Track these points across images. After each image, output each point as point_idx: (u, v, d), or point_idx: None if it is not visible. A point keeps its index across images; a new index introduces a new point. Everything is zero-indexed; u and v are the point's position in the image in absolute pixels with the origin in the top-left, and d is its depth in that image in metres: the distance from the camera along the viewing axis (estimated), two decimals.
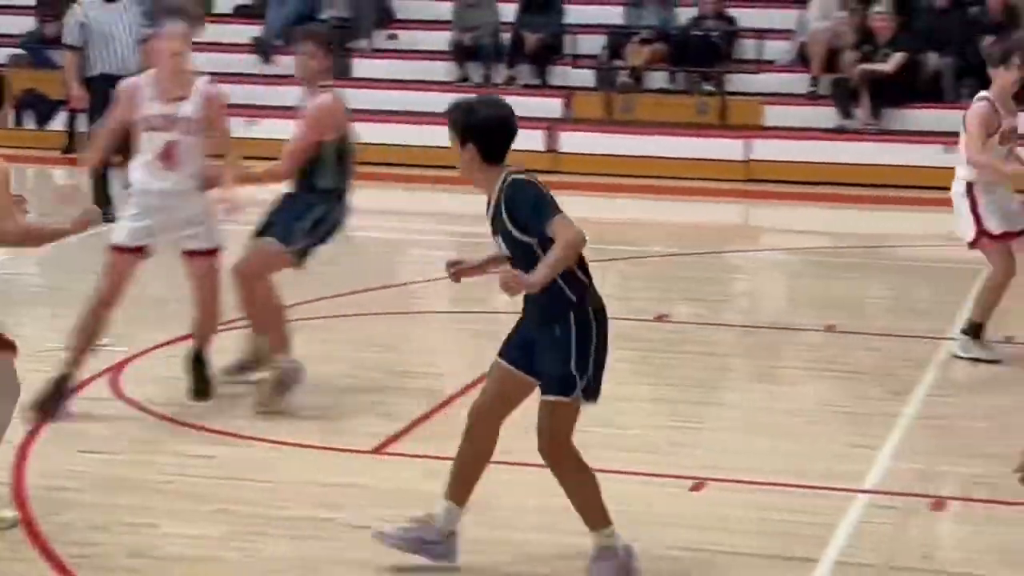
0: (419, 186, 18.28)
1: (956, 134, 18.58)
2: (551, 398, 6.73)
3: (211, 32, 21.00)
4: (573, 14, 20.86)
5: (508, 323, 9.68)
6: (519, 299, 6.86)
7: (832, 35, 19.48)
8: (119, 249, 9.17)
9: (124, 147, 9.82)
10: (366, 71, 20.99)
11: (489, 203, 6.87)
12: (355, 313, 11.87)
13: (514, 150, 6.60)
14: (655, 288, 13.17)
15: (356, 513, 7.63)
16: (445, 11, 21.10)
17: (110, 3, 15.74)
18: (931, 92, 19.21)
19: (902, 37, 19.03)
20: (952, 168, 11.22)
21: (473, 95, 7.45)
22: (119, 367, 10.14)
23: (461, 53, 20.61)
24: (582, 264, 6.78)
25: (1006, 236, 10.47)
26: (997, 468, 8.13)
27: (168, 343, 10.69)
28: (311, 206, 9.58)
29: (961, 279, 12.88)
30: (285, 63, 20.95)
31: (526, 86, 20.46)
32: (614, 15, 21.05)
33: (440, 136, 17.66)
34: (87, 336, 9.21)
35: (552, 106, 20.05)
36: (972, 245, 10.63)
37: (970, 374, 10.33)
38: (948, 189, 11.00)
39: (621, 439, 8.95)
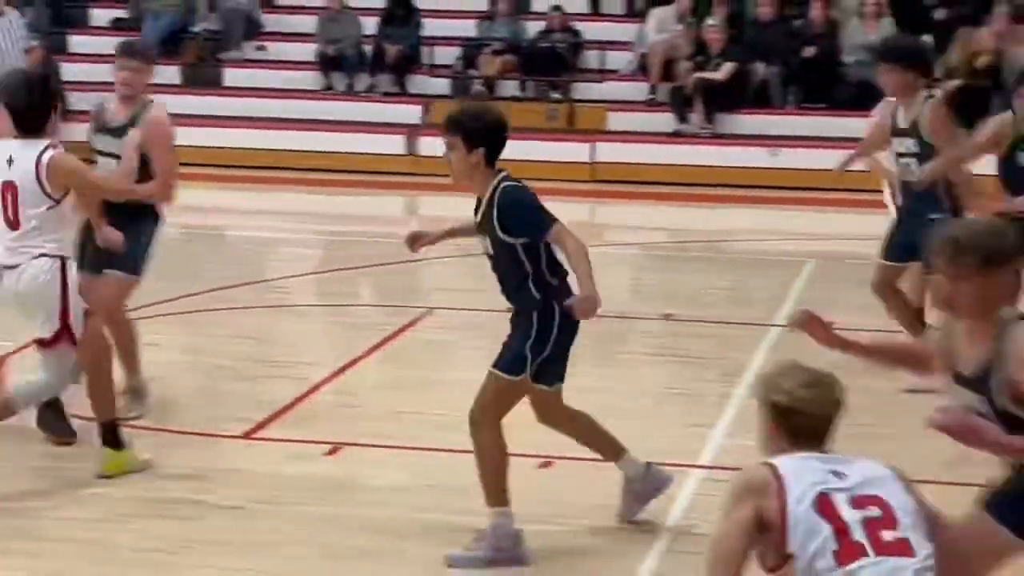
0: (286, 188, 18.17)
1: (783, 138, 18.90)
2: (497, 372, 6.93)
3: (88, 44, 20.81)
4: (430, 27, 20.84)
5: (368, 315, 9.83)
6: (370, 294, 6.90)
7: (669, 47, 19.62)
8: None
9: None
10: (237, 80, 20.85)
11: (480, 204, 6.97)
12: (226, 307, 11.78)
13: (375, 154, 6.64)
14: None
15: (224, 494, 7.60)
16: (310, 24, 21.00)
17: None
18: (759, 99, 19.46)
19: (732, 49, 19.22)
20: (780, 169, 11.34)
21: (467, 102, 7.57)
22: (3, 358, 9.96)
23: (325, 63, 20.52)
24: (552, 265, 6.93)
25: None
26: None
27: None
28: (144, 227, 8.75)
29: (789, 270, 13.10)
30: (159, 72, 20.78)
31: (386, 94, 20.43)
32: (468, 28, 21.08)
33: (306, 140, 17.79)
34: None
35: (412, 112, 20.02)
36: None
37: (796, 358, 10.42)
38: (775, 188, 11.10)
39: None
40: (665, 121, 19.36)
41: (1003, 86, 16.07)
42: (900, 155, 9.52)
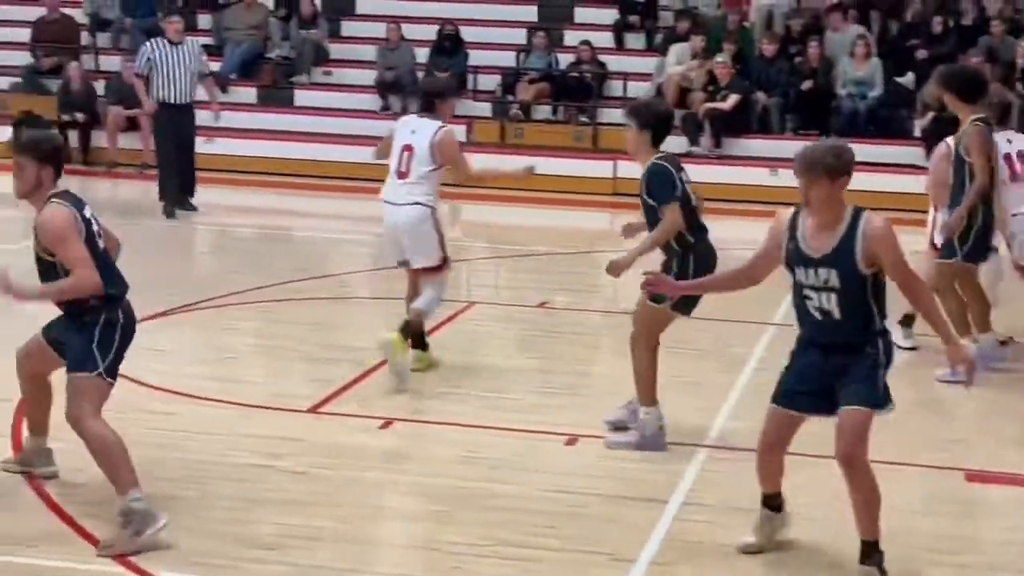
0: (346, 195, 18.19)
1: (782, 160, 18.85)
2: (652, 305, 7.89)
3: None
4: (474, 57, 20.84)
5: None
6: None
7: (683, 78, 19.59)
8: None
9: None
10: (306, 101, 20.86)
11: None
12: (293, 298, 11.80)
13: None
14: (538, 280, 13.18)
15: (294, 461, 7.62)
16: (370, 53, 21.00)
17: (173, 45, 15.73)
18: (761, 125, 19.42)
19: (738, 81, 19.19)
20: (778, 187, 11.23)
21: (643, 97, 8.30)
22: None
23: (383, 87, 20.52)
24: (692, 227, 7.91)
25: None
26: (816, 425, 8.21)
27: (141, 320, 10.54)
28: (96, 321, 6.59)
29: (783, 275, 13.01)
30: (238, 93, 20.88)
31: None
32: (508, 59, 21.07)
33: (365, 154, 17.75)
34: None
35: (457, 131, 19.85)
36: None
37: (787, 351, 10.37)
38: (774, 204, 11.04)
39: (507, 403, 8.99)
40: (678, 143, 19.25)
41: None
42: None
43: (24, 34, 21.43)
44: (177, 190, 15.84)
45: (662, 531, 6.80)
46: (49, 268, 6.57)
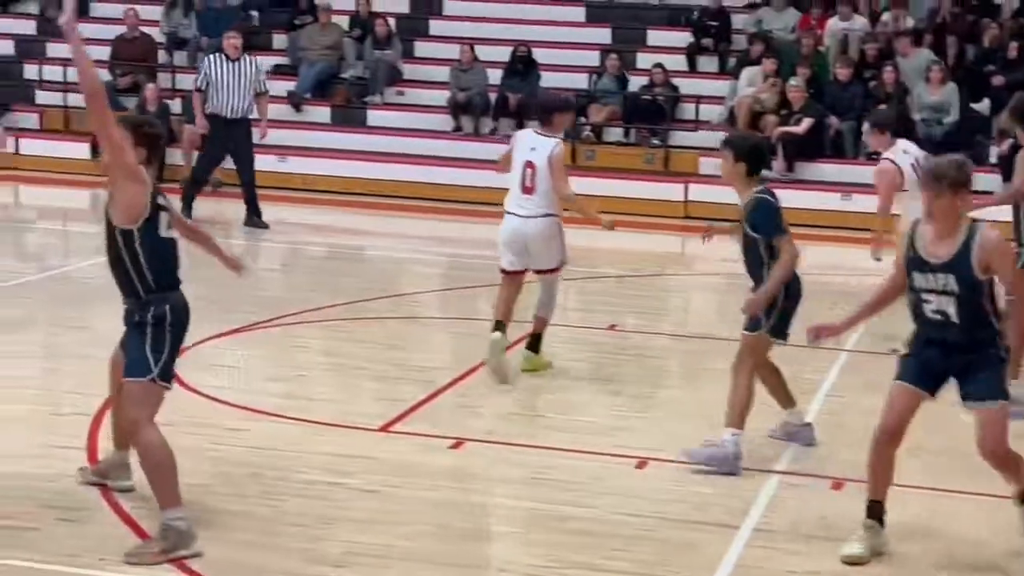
0: (418, 215, 18.26)
1: (855, 185, 18.70)
2: (745, 332, 8.23)
3: None
4: (546, 79, 20.83)
5: (484, 328, 9.84)
6: (486, 310, 6.84)
7: (755, 101, 19.52)
8: None
9: None
10: (379, 121, 20.94)
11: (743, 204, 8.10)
12: (364, 317, 11.85)
13: (495, 188, 6.65)
14: (607, 302, 13.16)
15: (363, 479, 7.64)
16: (443, 74, 21.08)
17: (231, 61, 16.18)
18: (834, 149, 19.30)
19: (811, 105, 19.08)
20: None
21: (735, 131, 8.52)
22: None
23: (456, 108, 20.59)
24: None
25: None
26: (844, 452, 8.16)
27: (213, 337, 10.66)
28: (145, 321, 6.58)
29: (857, 300, 12.89)
30: (312, 112, 21.03)
31: (507, 136, 20.36)
32: (580, 81, 21.05)
33: (437, 174, 17.78)
34: None
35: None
36: None
37: (860, 379, 10.30)
38: (847, 229, 10.99)
39: (578, 425, 8.98)
40: None
41: None
42: None
43: (103, 52, 21.69)
44: (194, 195, 16.38)
45: (733, 557, 6.75)
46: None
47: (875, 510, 6.78)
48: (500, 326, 9.77)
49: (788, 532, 7.14)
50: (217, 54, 16.60)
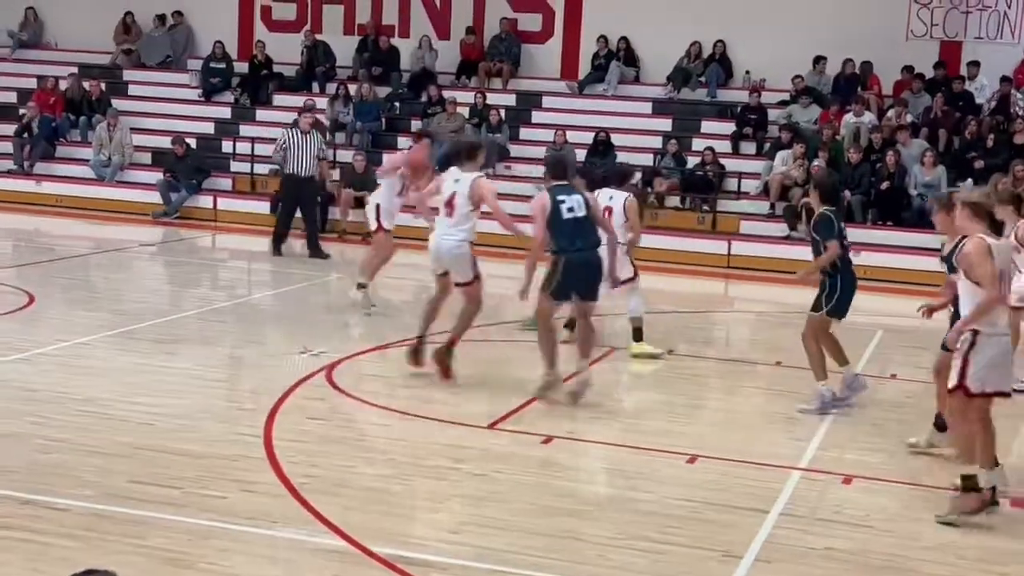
0: (519, 261, 18.22)
1: (863, 244, 18.39)
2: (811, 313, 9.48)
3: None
4: (621, 157, 20.71)
5: (572, 349, 9.81)
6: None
7: (785, 177, 19.34)
8: None
9: None
10: None
11: None
12: (476, 339, 11.83)
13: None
14: (664, 332, 13.02)
15: (475, 465, 7.63)
16: (541, 152, 21.11)
17: (304, 134, 16.68)
18: (847, 216, 18.92)
19: None
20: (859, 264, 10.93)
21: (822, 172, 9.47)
22: (332, 367, 10.16)
23: None
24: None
25: None
26: (885, 457, 8.01)
27: (361, 352, 10.74)
28: None
29: (865, 336, 12.72)
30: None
31: None
32: (646, 160, 20.98)
33: (531, 229, 17.09)
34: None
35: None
36: None
37: (868, 394, 10.12)
38: (857, 279, 10.76)
39: (642, 427, 8.93)
40: (780, 228, 19.07)
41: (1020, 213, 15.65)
42: None
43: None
44: (282, 238, 16.72)
45: (764, 535, 6.66)
46: None
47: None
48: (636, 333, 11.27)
49: (808, 516, 7.03)
50: (294, 129, 16.93)
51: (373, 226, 13.12)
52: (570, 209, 9.45)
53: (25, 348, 10.17)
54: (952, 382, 6.96)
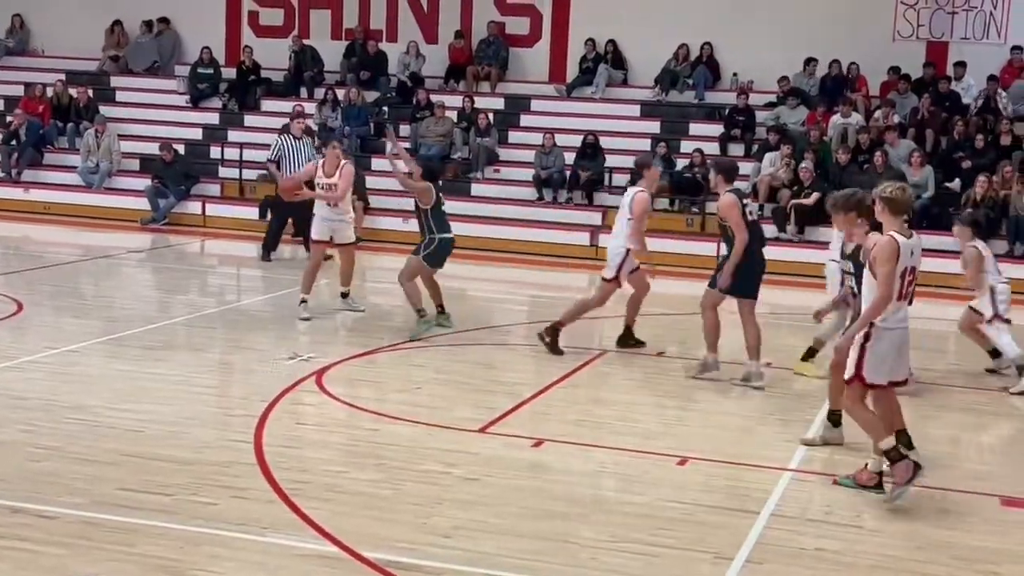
0: (509, 265, 18.28)
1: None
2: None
3: (382, 163, 21.21)
4: (610, 160, 20.84)
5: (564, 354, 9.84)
6: (563, 339, 6.79)
7: (772, 179, 19.37)
8: None
9: None
10: (480, 192, 21.01)
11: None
12: (466, 343, 11.86)
13: (569, 244, 6.62)
14: (656, 334, 13.04)
15: (465, 469, 7.63)
16: (529, 155, 21.15)
17: (296, 140, 16.77)
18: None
19: (818, 182, 18.91)
20: None
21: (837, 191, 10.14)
22: (322, 372, 10.15)
23: (539, 182, 20.63)
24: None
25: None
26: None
27: (352, 357, 10.73)
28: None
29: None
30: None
31: (578, 204, 20.46)
32: None
33: (524, 233, 17.80)
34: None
35: (595, 218, 20.00)
36: None
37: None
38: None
39: (633, 430, 8.91)
40: (769, 230, 19.00)
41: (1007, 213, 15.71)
42: None
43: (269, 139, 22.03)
44: (273, 245, 16.87)
45: (755, 536, 6.67)
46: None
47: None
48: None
49: (798, 517, 7.04)
50: (287, 135, 16.91)
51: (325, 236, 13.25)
52: (750, 212, 10.47)
53: (14, 356, 10.14)
54: (849, 373, 7.34)
